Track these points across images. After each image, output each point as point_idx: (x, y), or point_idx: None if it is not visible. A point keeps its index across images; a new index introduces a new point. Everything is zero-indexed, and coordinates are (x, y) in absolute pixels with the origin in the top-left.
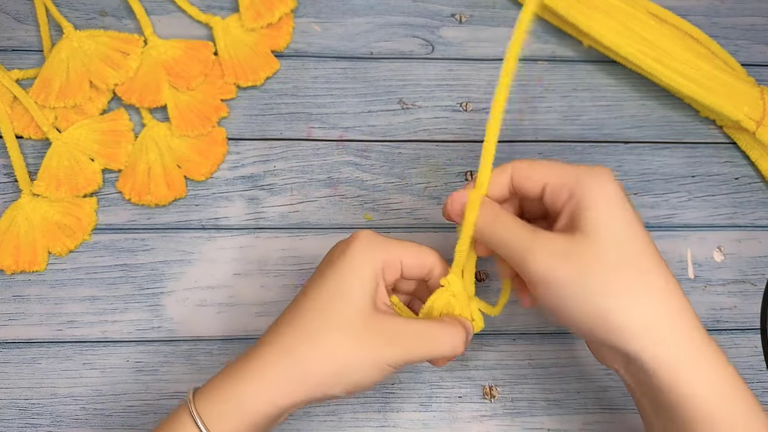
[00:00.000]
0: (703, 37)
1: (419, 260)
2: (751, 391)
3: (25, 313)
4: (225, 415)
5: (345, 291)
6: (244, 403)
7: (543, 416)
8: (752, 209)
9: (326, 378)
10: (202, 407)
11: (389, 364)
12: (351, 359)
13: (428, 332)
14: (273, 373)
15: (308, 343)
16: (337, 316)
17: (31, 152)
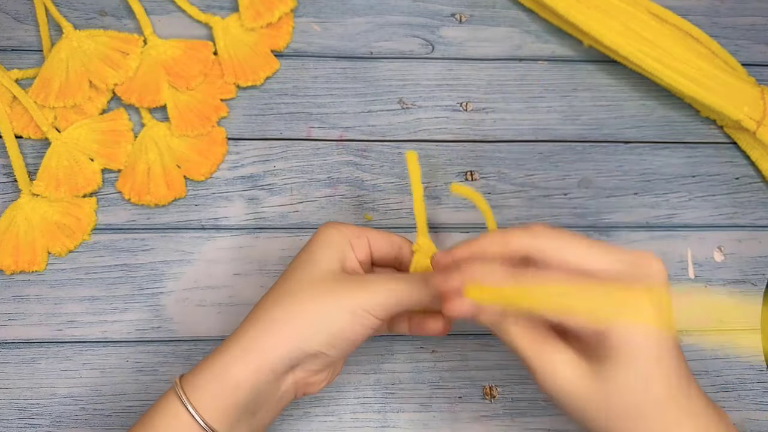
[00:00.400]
0: (704, 37)
1: (385, 238)
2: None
3: (25, 313)
4: (206, 386)
5: (314, 259)
6: (222, 371)
7: (543, 416)
8: (753, 209)
9: (300, 333)
10: (186, 384)
11: (364, 308)
12: (321, 310)
13: (401, 278)
14: (247, 338)
15: (279, 305)
16: (306, 277)
17: (30, 152)
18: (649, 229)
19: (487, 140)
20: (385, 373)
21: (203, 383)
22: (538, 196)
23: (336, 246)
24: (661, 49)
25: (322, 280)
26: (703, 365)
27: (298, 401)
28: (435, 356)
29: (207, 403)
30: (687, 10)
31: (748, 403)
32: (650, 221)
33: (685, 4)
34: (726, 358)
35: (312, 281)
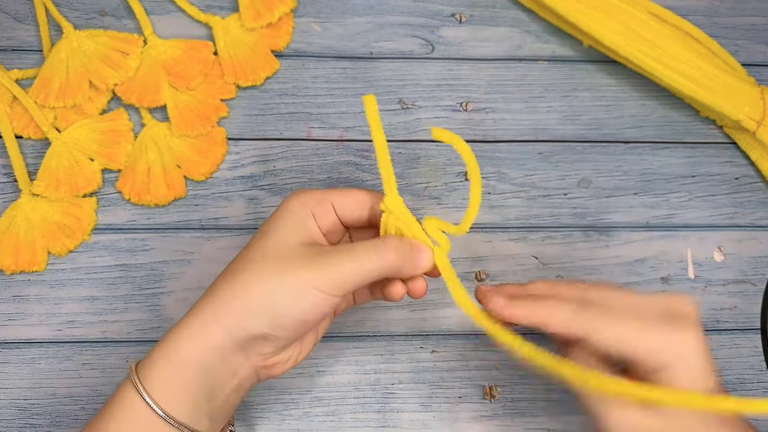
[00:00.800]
0: (704, 37)
1: (351, 198)
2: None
3: (25, 313)
4: (158, 371)
5: (269, 235)
6: (170, 350)
7: (543, 416)
8: (752, 209)
9: (242, 313)
10: (141, 370)
11: (312, 286)
12: (265, 289)
13: (352, 248)
14: (194, 316)
15: (225, 282)
16: (257, 254)
17: (30, 152)
18: (648, 229)
19: (487, 140)
20: (385, 373)
21: (156, 367)
22: (537, 196)
23: (295, 217)
24: (661, 50)
25: (272, 256)
26: None
27: (298, 401)
28: (435, 356)
29: (161, 388)
30: (687, 10)
31: None
32: (650, 221)
33: (685, 4)
34: (726, 358)
35: (261, 258)
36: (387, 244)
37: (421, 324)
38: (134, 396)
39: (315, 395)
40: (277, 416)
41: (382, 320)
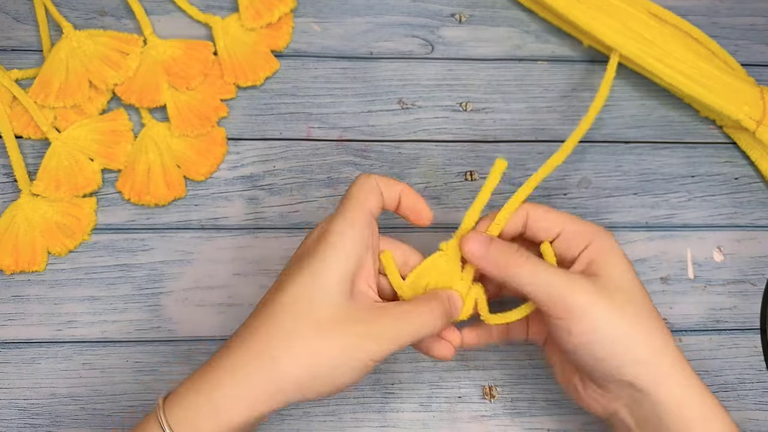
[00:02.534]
0: (703, 37)
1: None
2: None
3: (25, 313)
4: (198, 423)
5: (322, 283)
6: (219, 411)
7: (543, 416)
8: (752, 209)
9: (304, 381)
10: (173, 414)
11: (372, 359)
12: (331, 362)
13: (405, 317)
14: (248, 378)
15: (283, 345)
16: (313, 313)
17: (30, 152)
18: (648, 229)
19: (486, 140)
20: (385, 373)
21: (191, 417)
22: (537, 196)
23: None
24: (661, 49)
25: (330, 321)
26: (702, 365)
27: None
28: None
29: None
30: (687, 10)
31: (748, 403)
32: (650, 221)
33: (685, 4)
34: (726, 358)
35: (319, 321)
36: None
37: None
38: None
39: None
40: (276, 416)
41: None
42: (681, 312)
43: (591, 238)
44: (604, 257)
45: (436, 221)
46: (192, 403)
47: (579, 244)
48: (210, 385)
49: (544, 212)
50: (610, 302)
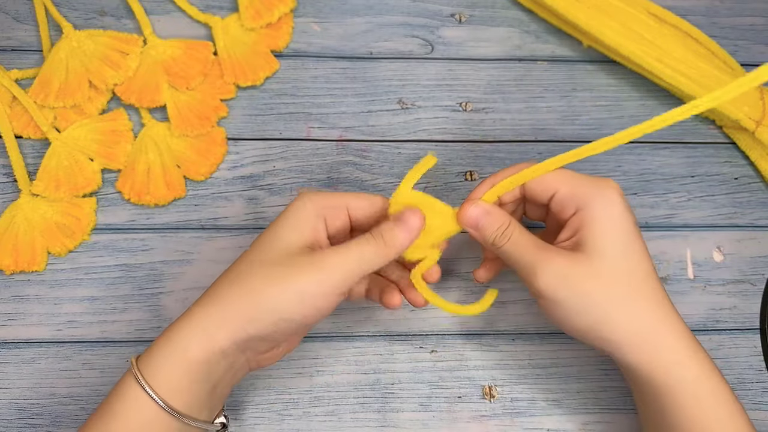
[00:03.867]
0: (703, 37)
1: (364, 200)
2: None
3: (25, 313)
4: (159, 365)
5: (276, 238)
6: (173, 348)
7: (542, 416)
8: (752, 209)
9: (246, 316)
10: (142, 364)
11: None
12: (269, 294)
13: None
14: (197, 317)
15: (230, 285)
16: (263, 257)
17: (30, 152)
18: (648, 229)
19: (486, 140)
20: (384, 373)
21: (160, 364)
22: None
23: (303, 220)
24: (661, 49)
25: (276, 261)
26: None
27: (297, 401)
28: (434, 356)
29: (165, 384)
30: (686, 11)
31: (748, 403)
32: (649, 221)
33: (684, 4)
34: (725, 358)
35: (267, 262)
36: (381, 236)
37: (421, 324)
38: (137, 391)
39: (315, 395)
40: (276, 416)
41: (381, 320)
42: (681, 312)
43: (582, 202)
44: (590, 226)
45: None
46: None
47: (569, 208)
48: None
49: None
50: (579, 284)
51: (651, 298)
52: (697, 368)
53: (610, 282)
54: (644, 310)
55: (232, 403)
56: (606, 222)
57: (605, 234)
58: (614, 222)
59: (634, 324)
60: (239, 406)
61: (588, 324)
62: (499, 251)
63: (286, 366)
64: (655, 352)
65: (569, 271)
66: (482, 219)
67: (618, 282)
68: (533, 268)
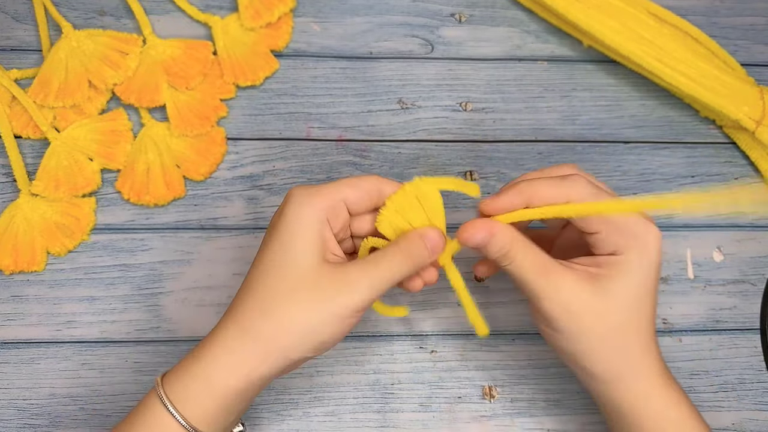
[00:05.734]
0: (703, 37)
1: (360, 187)
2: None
3: (24, 314)
4: (194, 395)
5: (288, 254)
6: (212, 382)
7: (543, 416)
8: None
9: (289, 345)
10: (170, 390)
11: (350, 308)
12: (309, 319)
13: (376, 263)
14: (235, 351)
15: (262, 315)
16: (285, 281)
17: (29, 152)
18: None
19: (486, 140)
20: (384, 373)
21: (188, 389)
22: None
23: (311, 233)
24: (661, 49)
25: (303, 283)
26: (702, 365)
27: (297, 401)
28: (434, 356)
29: (192, 408)
30: (686, 10)
31: (747, 403)
32: None
33: (684, 4)
34: (725, 358)
35: (291, 286)
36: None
37: (421, 324)
38: (164, 416)
39: (314, 395)
40: (276, 416)
41: (381, 320)
42: (681, 312)
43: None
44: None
45: None
46: (186, 378)
47: (605, 249)
48: (202, 360)
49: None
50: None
51: (642, 344)
52: (664, 399)
53: (612, 325)
54: (632, 353)
55: None
56: (635, 273)
57: (626, 283)
58: (640, 274)
59: (614, 365)
60: None
61: (573, 351)
62: (502, 269)
63: None
64: (625, 390)
65: (574, 302)
66: (484, 242)
67: (619, 327)
68: (539, 292)
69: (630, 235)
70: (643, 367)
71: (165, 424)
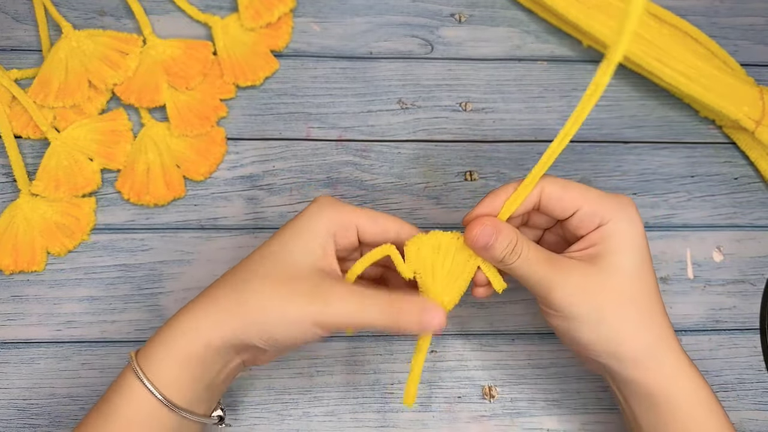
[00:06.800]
0: (703, 37)
1: (377, 225)
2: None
3: (24, 313)
4: (159, 359)
5: (285, 250)
6: (172, 345)
7: (542, 416)
8: (751, 209)
9: (244, 327)
10: (141, 358)
11: (312, 323)
12: (271, 314)
13: (360, 298)
14: (195, 317)
15: (232, 291)
16: (269, 272)
17: (29, 152)
18: (648, 229)
19: (486, 140)
20: (384, 373)
21: (157, 358)
22: None
23: (314, 238)
24: (661, 49)
25: (281, 280)
26: (702, 365)
27: (297, 401)
28: (434, 356)
29: (162, 377)
30: (686, 10)
31: (747, 403)
32: (649, 221)
33: (684, 4)
34: (725, 358)
35: (275, 279)
36: (398, 309)
37: None
38: (136, 385)
39: (314, 395)
40: (276, 416)
41: None
42: (681, 312)
43: (605, 218)
44: (612, 241)
45: (436, 221)
46: (152, 343)
47: (590, 224)
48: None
49: (561, 189)
50: (595, 298)
51: (655, 317)
52: (691, 383)
53: (624, 298)
54: (650, 328)
55: (231, 403)
56: (628, 239)
57: (626, 251)
58: (635, 240)
59: (639, 341)
60: (239, 406)
61: (596, 337)
62: (509, 268)
63: (286, 366)
64: (656, 369)
65: (586, 285)
66: (491, 239)
67: (630, 299)
68: (549, 282)
69: (609, 201)
70: (670, 340)
71: (137, 394)
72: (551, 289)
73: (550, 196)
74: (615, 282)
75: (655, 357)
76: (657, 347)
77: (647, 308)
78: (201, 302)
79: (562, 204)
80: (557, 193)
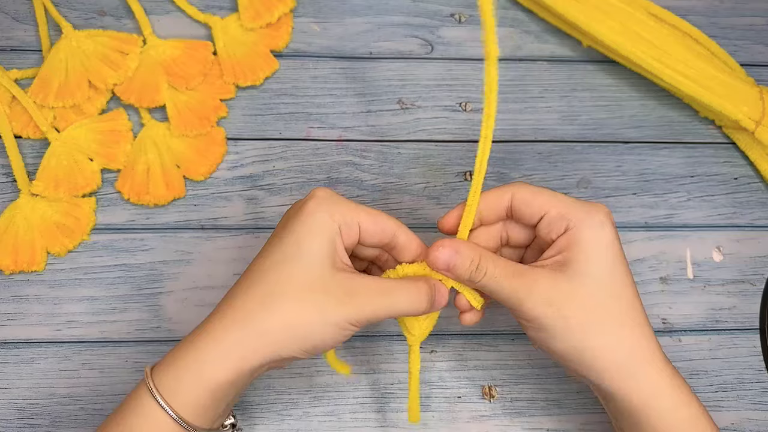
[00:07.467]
0: (703, 38)
1: (377, 225)
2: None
3: (24, 313)
4: (183, 385)
5: (302, 251)
6: (202, 371)
7: (542, 416)
8: (751, 209)
9: (282, 342)
10: (159, 380)
11: (349, 322)
12: (307, 322)
13: (387, 288)
14: (228, 339)
15: (263, 308)
16: (293, 278)
17: (29, 152)
18: (648, 229)
19: None
20: (384, 373)
21: (178, 380)
22: None
23: (326, 235)
24: (660, 49)
25: (309, 285)
26: (702, 365)
27: (297, 401)
28: (434, 356)
29: (184, 401)
30: (686, 10)
31: (747, 403)
32: (649, 221)
33: (684, 4)
34: (725, 358)
35: (302, 286)
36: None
37: None
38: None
39: (314, 395)
40: (276, 416)
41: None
42: (680, 312)
43: (571, 223)
44: (578, 247)
45: (436, 221)
46: (175, 367)
47: (558, 228)
48: (192, 349)
49: (531, 195)
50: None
51: (633, 325)
52: (674, 398)
53: (592, 305)
54: (626, 338)
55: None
56: (594, 244)
57: (592, 256)
58: (602, 245)
59: (615, 352)
60: (239, 406)
61: (567, 348)
62: (479, 286)
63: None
64: (634, 382)
65: (554, 295)
66: (452, 260)
67: (600, 306)
68: (517, 294)
69: (577, 206)
70: (649, 350)
71: (155, 416)
72: (521, 301)
73: (520, 201)
74: (584, 290)
75: (632, 372)
76: (634, 360)
77: (619, 317)
78: (227, 325)
79: (530, 209)
80: (527, 198)
